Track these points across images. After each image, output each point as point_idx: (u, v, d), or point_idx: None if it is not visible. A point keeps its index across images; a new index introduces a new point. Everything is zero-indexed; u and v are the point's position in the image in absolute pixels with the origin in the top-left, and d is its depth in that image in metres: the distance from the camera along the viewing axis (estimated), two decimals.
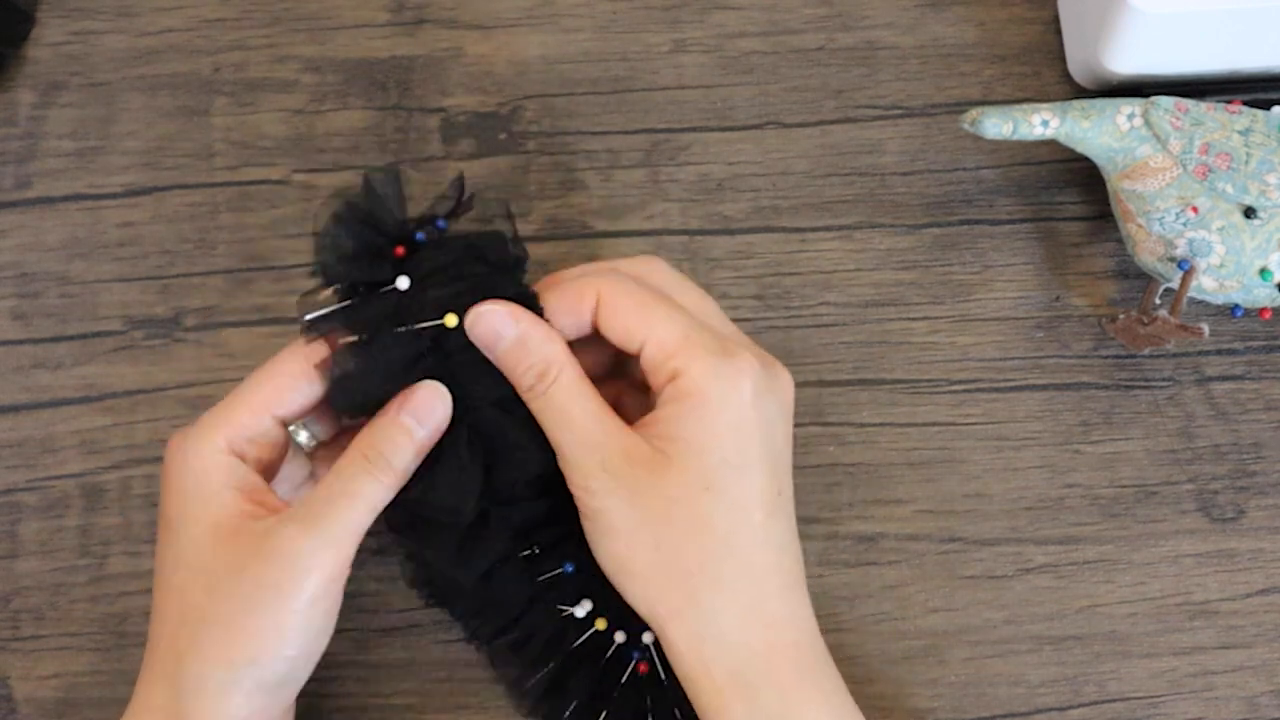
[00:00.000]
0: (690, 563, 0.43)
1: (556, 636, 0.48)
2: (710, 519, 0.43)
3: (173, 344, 0.54)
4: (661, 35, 0.58)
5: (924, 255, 0.55)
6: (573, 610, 0.48)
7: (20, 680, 0.50)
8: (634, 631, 0.48)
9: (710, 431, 0.43)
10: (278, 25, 0.58)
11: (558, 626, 0.48)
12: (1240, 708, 0.51)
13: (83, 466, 0.53)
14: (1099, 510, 0.53)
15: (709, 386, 0.43)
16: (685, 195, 0.56)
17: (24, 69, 0.57)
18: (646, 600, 0.44)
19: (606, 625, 0.48)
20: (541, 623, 0.48)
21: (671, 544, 0.43)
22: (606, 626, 0.48)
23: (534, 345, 0.44)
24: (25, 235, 0.55)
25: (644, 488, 0.43)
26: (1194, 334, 0.50)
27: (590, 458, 0.43)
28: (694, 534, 0.43)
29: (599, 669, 0.48)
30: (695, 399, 0.43)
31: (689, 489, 0.43)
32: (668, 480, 0.43)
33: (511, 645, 0.48)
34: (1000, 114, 0.51)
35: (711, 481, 0.43)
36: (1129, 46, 0.52)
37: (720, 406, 0.43)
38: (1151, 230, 0.51)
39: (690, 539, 0.43)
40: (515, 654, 0.48)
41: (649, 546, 0.43)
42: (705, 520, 0.43)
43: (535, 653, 0.48)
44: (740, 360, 0.44)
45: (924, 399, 0.54)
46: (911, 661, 0.46)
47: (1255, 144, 0.51)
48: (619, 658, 0.48)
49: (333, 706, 0.50)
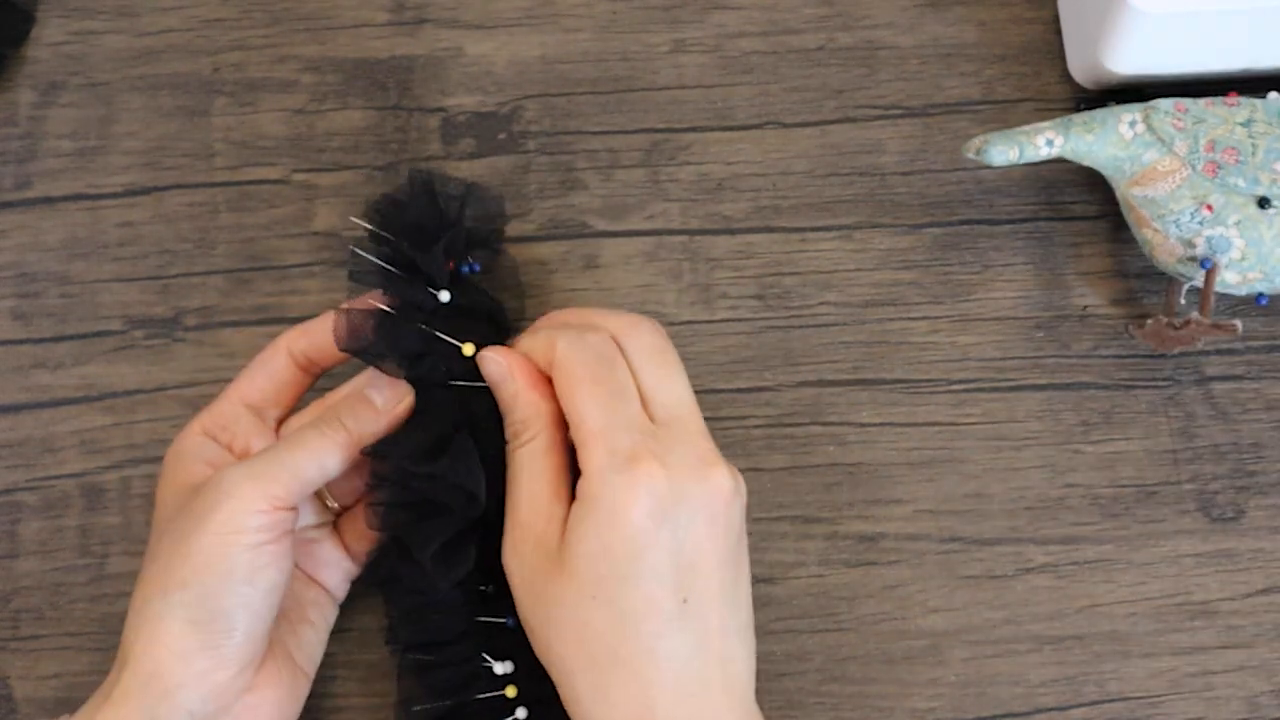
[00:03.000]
0: (576, 668, 0.43)
1: (465, 680, 0.47)
2: (594, 627, 0.42)
3: (173, 344, 0.54)
4: (661, 35, 0.58)
5: (924, 255, 0.55)
6: (492, 664, 0.47)
7: (20, 680, 0.50)
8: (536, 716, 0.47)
9: (599, 541, 0.42)
10: (278, 25, 0.58)
11: (471, 671, 0.47)
12: (1240, 708, 0.51)
13: (83, 466, 0.53)
14: (1099, 510, 0.53)
15: (601, 494, 0.42)
16: (685, 195, 0.56)
17: (24, 69, 0.57)
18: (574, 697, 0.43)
19: (515, 694, 0.47)
20: (460, 660, 0.47)
21: (560, 649, 0.43)
22: (515, 695, 0.47)
23: (519, 404, 0.46)
24: (25, 235, 0.55)
25: (540, 586, 0.43)
26: (1228, 331, 0.50)
27: (516, 545, 0.44)
28: (579, 642, 0.43)
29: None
30: (588, 504, 0.43)
31: (577, 594, 0.42)
32: (559, 583, 0.43)
33: (421, 665, 0.48)
34: (1004, 140, 0.51)
35: (597, 591, 0.42)
36: (1129, 46, 0.52)
37: (610, 517, 0.42)
38: (1168, 233, 0.51)
39: (577, 647, 0.43)
40: (420, 675, 0.48)
41: (544, 647, 0.44)
42: (589, 628, 0.42)
43: (438, 684, 0.47)
44: (639, 472, 0.42)
45: (924, 399, 0.54)
46: (911, 661, 0.46)
47: (1259, 134, 0.51)
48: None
49: (332, 706, 0.50)
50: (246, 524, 0.43)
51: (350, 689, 0.50)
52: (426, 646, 0.48)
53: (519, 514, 0.44)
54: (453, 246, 0.48)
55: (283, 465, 0.44)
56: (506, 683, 0.47)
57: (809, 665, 0.45)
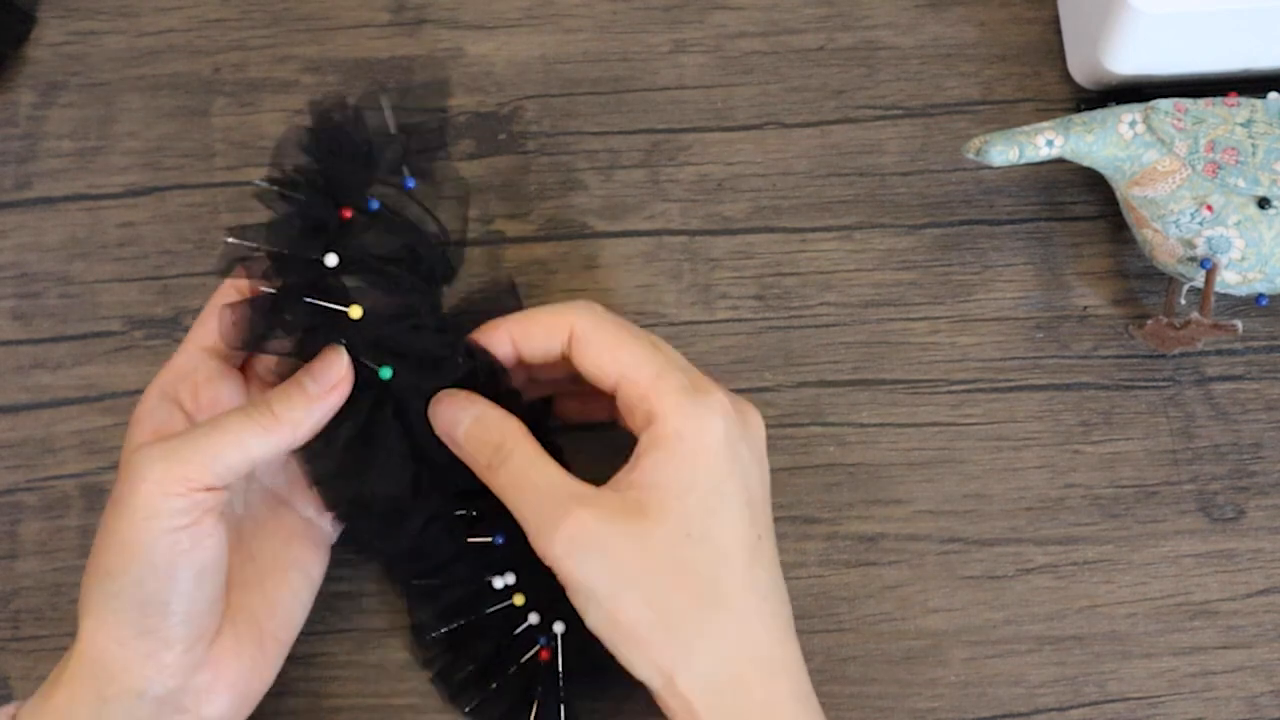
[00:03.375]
0: (681, 613, 0.42)
1: (472, 597, 0.48)
2: (695, 566, 0.42)
3: (173, 344, 0.54)
4: (661, 35, 0.58)
5: (924, 255, 0.55)
6: (491, 580, 0.48)
7: (20, 680, 0.50)
8: (548, 619, 0.48)
9: (688, 475, 0.42)
10: (278, 25, 0.58)
11: (477, 588, 0.48)
12: (1240, 708, 0.51)
13: (83, 466, 0.53)
14: (1099, 510, 0.53)
15: (683, 427, 0.42)
16: (685, 195, 0.56)
17: (24, 69, 0.57)
18: (649, 662, 0.42)
19: (524, 602, 0.48)
20: (462, 578, 0.48)
21: (660, 597, 0.42)
22: (524, 603, 0.48)
23: (491, 422, 0.45)
24: (25, 235, 0.55)
25: (620, 544, 0.42)
26: (1228, 331, 0.50)
27: (559, 525, 0.43)
28: (680, 584, 0.42)
29: (505, 642, 0.48)
30: (670, 442, 0.42)
31: (670, 537, 0.42)
32: (646, 530, 0.42)
33: (427, 590, 0.49)
34: (1004, 140, 0.51)
35: (692, 528, 0.42)
36: (1129, 46, 0.52)
37: (695, 449, 0.42)
38: (1168, 233, 0.51)
39: (677, 589, 0.42)
40: (429, 601, 0.49)
41: (638, 604, 0.42)
42: (690, 568, 0.42)
43: (448, 605, 0.48)
44: (712, 399, 0.43)
45: (924, 399, 0.54)
46: (911, 661, 0.46)
47: (1259, 134, 0.51)
48: (527, 637, 0.48)
49: (332, 706, 0.50)
50: (161, 507, 0.42)
51: (350, 689, 0.50)
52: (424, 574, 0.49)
53: (554, 503, 0.43)
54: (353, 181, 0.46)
55: (197, 447, 0.43)
56: (513, 593, 0.48)
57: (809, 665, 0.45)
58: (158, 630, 0.42)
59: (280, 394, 0.45)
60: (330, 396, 0.45)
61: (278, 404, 0.44)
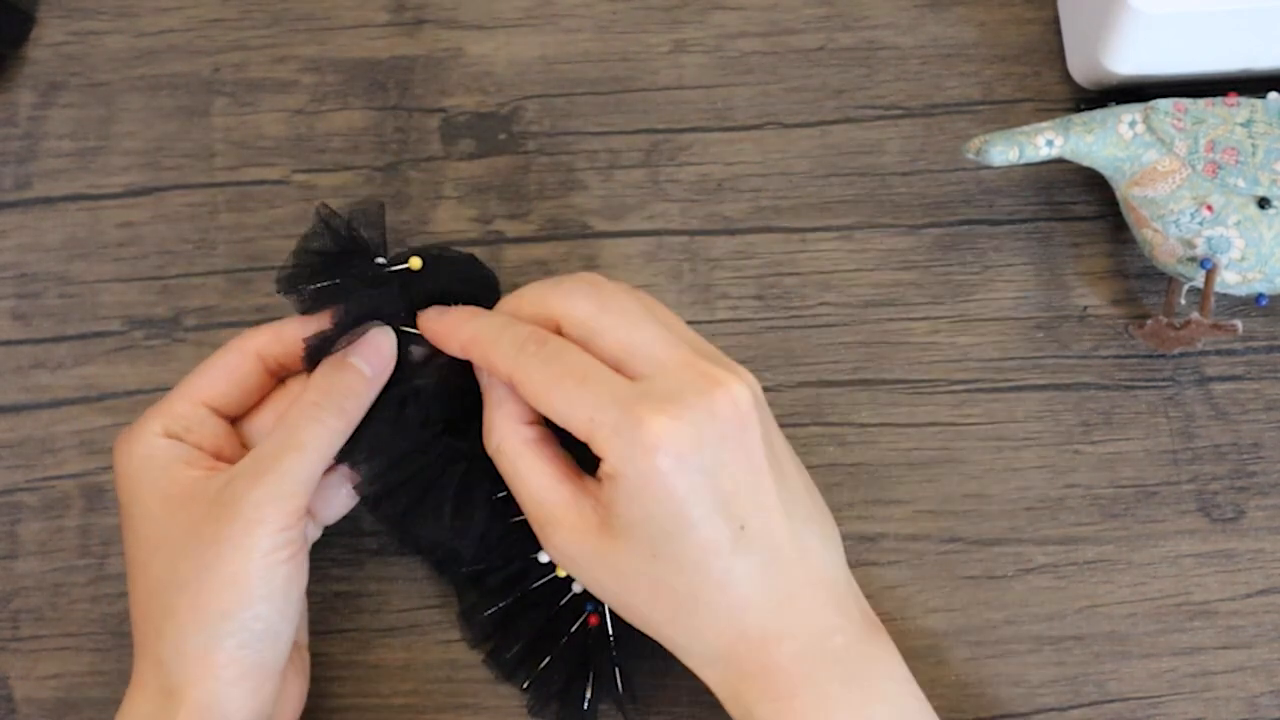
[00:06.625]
0: (663, 619, 0.43)
1: (517, 575, 0.49)
2: (666, 582, 0.42)
3: (173, 344, 0.54)
4: (661, 35, 0.58)
5: (924, 255, 0.55)
6: (536, 555, 0.49)
7: (20, 680, 0.50)
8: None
9: (639, 509, 0.42)
10: (278, 25, 0.58)
11: (521, 566, 0.49)
12: (1240, 708, 0.51)
13: (83, 466, 0.53)
14: (1099, 510, 0.53)
15: (622, 471, 0.42)
16: (685, 195, 0.56)
17: (24, 69, 0.57)
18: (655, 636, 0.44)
19: (566, 574, 0.49)
20: (507, 558, 0.49)
21: (641, 607, 0.44)
22: (566, 575, 0.49)
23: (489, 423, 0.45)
24: (25, 235, 0.55)
25: (593, 564, 0.43)
26: (1228, 331, 0.50)
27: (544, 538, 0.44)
28: (656, 597, 0.43)
29: (551, 614, 0.49)
30: (615, 481, 0.42)
31: (636, 558, 0.42)
32: (614, 549, 0.43)
33: (473, 575, 0.49)
34: (1004, 140, 0.51)
35: (656, 549, 0.42)
36: (1129, 46, 0.52)
37: (639, 485, 0.42)
38: (1168, 233, 0.51)
39: (654, 601, 0.43)
40: (474, 584, 0.49)
41: (623, 607, 0.44)
42: (662, 584, 0.43)
43: (494, 585, 0.49)
44: (646, 434, 0.41)
45: (924, 399, 0.54)
46: (911, 661, 0.46)
47: (1259, 134, 0.51)
48: (573, 607, 0.49)
49: (333, 706, 0.50)
50: (277, 543, 0.42)
51: (350, 689, 0.50)
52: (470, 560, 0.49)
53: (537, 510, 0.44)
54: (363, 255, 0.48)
55: (297, 478, 0.43)
56: (555, 566, 0.49)
57: None
58: (268, 663, 0.43)
59: (343, 389, 0.45)
60: (383, 375, 0.46)
61: (342, 397, 0.44)
